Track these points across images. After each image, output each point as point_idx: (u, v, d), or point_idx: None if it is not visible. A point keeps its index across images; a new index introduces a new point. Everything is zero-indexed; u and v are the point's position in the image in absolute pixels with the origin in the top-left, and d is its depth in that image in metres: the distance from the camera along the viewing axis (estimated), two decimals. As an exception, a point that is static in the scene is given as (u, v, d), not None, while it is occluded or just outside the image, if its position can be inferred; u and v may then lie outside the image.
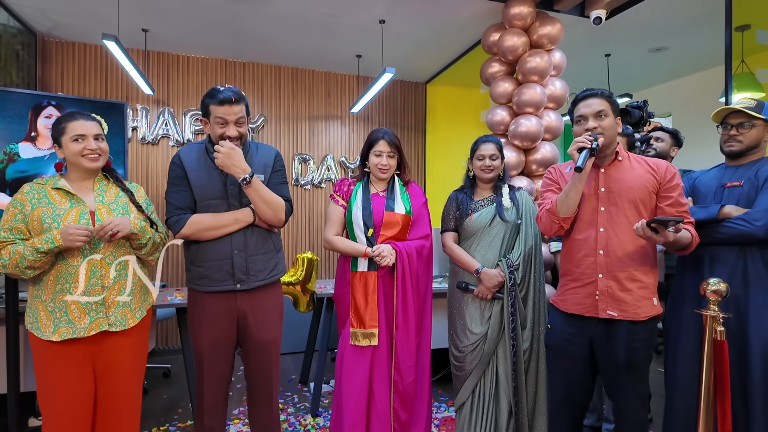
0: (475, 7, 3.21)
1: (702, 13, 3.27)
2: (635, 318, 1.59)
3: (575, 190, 1.62)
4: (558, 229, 1.70)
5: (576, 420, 1.77)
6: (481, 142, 2.16)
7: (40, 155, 2.12)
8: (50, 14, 3.38)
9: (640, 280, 1.60)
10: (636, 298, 1.59)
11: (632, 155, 1.71)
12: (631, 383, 1.62)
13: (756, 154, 1.75)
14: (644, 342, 1.61)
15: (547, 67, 2.97)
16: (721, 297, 1.41)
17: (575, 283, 1.69)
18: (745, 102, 1.75)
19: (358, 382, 1.95)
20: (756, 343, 1.62)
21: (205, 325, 1.78)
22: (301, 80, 4.56)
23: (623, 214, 1.61)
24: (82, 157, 1.61)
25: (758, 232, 1.59)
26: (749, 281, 1.64)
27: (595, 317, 1.63)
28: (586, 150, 1.54)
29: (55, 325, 1.56)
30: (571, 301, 1.70)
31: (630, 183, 1.63)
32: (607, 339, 1.62)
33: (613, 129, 1.65)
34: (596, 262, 1.63)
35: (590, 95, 1.66)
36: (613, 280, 1.61)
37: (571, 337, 1.70)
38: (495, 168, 2.13)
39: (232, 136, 1.73)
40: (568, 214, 1.65)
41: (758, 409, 1.60)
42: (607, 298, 1.61)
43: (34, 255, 1.51)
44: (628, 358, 1.59)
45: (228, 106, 1.71)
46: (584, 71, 4.45)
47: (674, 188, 1.60)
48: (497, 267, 2.08)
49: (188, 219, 1.74)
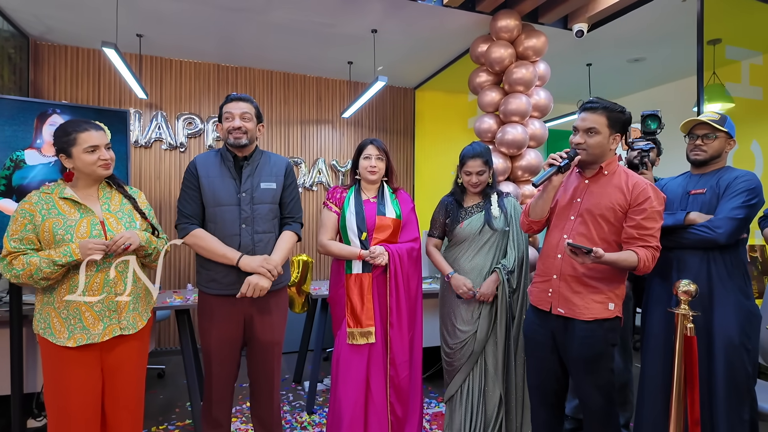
0: (464, 19, 3.34)
1: (676, 28, 3.46)
2: (582, 317, 1.70)
3: (543, 200, 1.79)
4: (527, 228, 1.91)
5: (552, 405, 1.87)
6: (468, 158, 2.22)
7: (46, 162, 2.17)
8: (45, 19, 3.40)
9: (591, 285, 1.70)
10: (585, 301, 1.70)
11: (618, 172, 1.73)
12: (589, 375, 1.72)
13: (718, 163, 1.90)
14: (598, 339, 1.69)
15: (532, 78, 3.12)
16: (691, 297, 1.55)
17: (538, 278, 1.85)
18: (710, 115, 1.89)
19: (356, 378, 2.05)
20: (719, 339, 1.77)
21: (214, 326, 1.87)
22: (292, 85, 4.64)
23: (587, 227, 1.72)
24: (96, 167, 1.65)
25: (719, 239, 1.73)
26: (713, 283, 1.79)
27: (554, 312, 1.78)
28: (554, 167, 1.68)
29: (70, 332, 1.60)
30: (533, 293, 1.88)
31: (599, 199, 1.70)
32: (564, 332, 1.76)
33: (601, 146, 1.68)
34: (554, 264, 1.78)
35: (590, 109, 1.68)
36: (563, 281, 1.74)
37: (537, 327, 1.85)
38: (482, 182, 2.24)
39: (236, 126, 1.88)
40: (536, 218, 1.84)
41: (721, 396, 1.76)
42: (558, 297, 1.75)
43: (51, 267, 1.54)
44: (583, 352, 1.71)
45: (235, 102, 1.91)
46: (567, 79, 4.62)
47: (641, 211, 1.63)
48: (494, 272, 2.20)
49: (192, 231, 1.88)
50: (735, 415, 1.75)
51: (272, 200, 1.97)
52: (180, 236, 1.89)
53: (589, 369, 1.73)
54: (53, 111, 2.19)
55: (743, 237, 1.83)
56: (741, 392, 1.76)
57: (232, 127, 1.88)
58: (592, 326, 1.71)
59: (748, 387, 1.78)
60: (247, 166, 1.94)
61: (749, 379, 1.78)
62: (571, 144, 1.75)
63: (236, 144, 1.90)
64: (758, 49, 3.37)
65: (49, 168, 2.17)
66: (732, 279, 1.79)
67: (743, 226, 1.77)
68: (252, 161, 1.96)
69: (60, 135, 1.65)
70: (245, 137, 1.90)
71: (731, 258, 1.80)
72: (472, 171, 2.22)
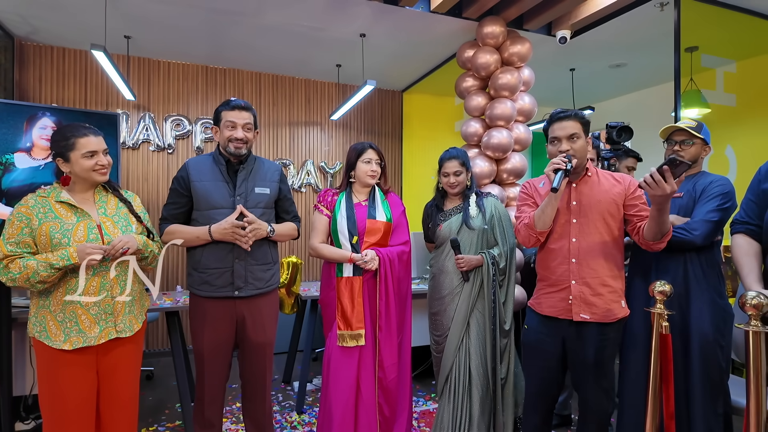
0: (451, 25, 3.41)
1: (655, 35, 3.57)
2: (605, 320, 1.74)
3: (551, 207, 1.75)
4: (535, 242, 1.84)
5: (548, 409, 1.96)
6: (445, 160, 2.29)
7: (36, 165, 2.17)
8: (31, 20, 3.37)
9: (609, 285, 1.76)
10: (606, 302, 1.74)
11: (600, 171, 1.86)
12: (598, 378, 1.77)
13: (695, 168, 1.98)
14: (611, 341, 1.77)
15: (517, 84, 3.19)
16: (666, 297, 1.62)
17: (551, 288, 1.84)
18: (688, 122, 1.98)
19: (346, 379, 2.08)
20: (695, 336, 1.85)
21: (206, 328, 1.90)
22: (281, 87, 4.66)
23: (593, 225, 1.78)
24: (93, 172, 1.67)
25: (696, 240, 1.82)
26: (689, 283, 1.87)
27: (568, 319, 1.79)
28: (561, 171, 1.66)
29: (66, 335, 1.61)
30: (546, 304, 1.85)
31: (598, 197, 1.78)
32: (578, 338, 1.78)
33: (584, 150, 1.78)
34: (569, 269, 1.78)
35: (564, 117, 1.77)
36: (585, 285, 1.76)
37: (545, 336, 1.86)
38: (459, 183, 2.29)
39: (238, 137, 1.89)
40: (545, 228, 1.79)
41: (697, 391, 1.83)
42: (580, 302, 1.76)
43: (48, 271, 1.55)
44: (596, 356, 1.76)
45: (238, 111, 1.92)
46: (551, 84, 4.73)
47: (638, 197, 1.77)
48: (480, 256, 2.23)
49: (165, 228, 1.95)
50: (710, 408, 1.83)
51: (265, 205, 2.01)
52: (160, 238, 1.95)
53: (600, 372, 1.77)
54: (43, 114, 2.19)
55: (718, 239, 1.92)
56: (715, 387, 1.84)
57: (235, 138, 1.90)
58: (607, 329, 1.75)
59: (722, 382, 1.86)
60: (242, 170, 1.97)
61: (723, 374, 1.86)
62: (552, 155, 1.79)
63: (237, 154, 1.93)
64: (732, 58, 3.50)
65: (39, 171, 2.17)
66: (707, 279, 1.87)
67: (718, 228, 1.86)
68: (247, 166, 1.99)
69: (58, 139, 1.65)
70: (245, 147, 1.94)
71: (707, 259, 1.89)
72: (449, 172, 2.28)
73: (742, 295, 1.23)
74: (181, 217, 1.96)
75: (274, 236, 2.00)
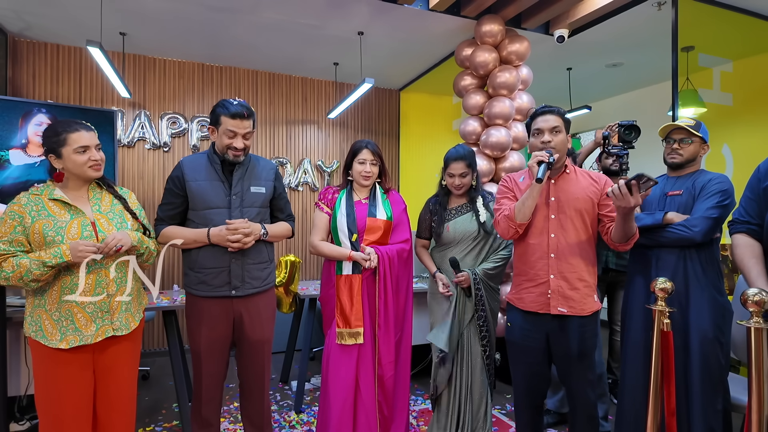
0: (449, 24, 3.41)
1: (652, 35, 3.58)
2: (582, 313, 1.80)
3: (531, 199, 1.78)
4: (514, 234, 1.87)
5: (538, 405, 1.98)
6: (451, 160, 2.27)
7: (31, 162, 2.15)
8: (24, 15, 3.33)
9: (585, 279, 1.82)
10: (582, 295, 1.80)
11: (577, 169, 1.90)
12: (582, 370, 1.83)
13: (693, 166, 2.00)
14: (591, 333, 1.83)
15: (515, 82, 3.19)
16: (668, 294, 1.63)
17: (529, 282, 1.87)
18: (686, 120, 2.00)
19: (345, 378, 2.07)
20: (695, 333, 1.85)
21: (203, 327, 1.88)
22: (278, 85, 4.64)
23: (570, 222, 1.82)
24: (87, 168, 1.65)
25: (696, 237, 1.83)
26: (689, 280, 1.88)
27: (549, 313, 1.83)
28: (545, 164, 1.72)
29: (62, 333, 1.59)
30: (527, 299, 1.88)
31: (576, 194, 1.83)
32: (561, 332, 1.83)
33: (564, 145, 1.83)
34: (548, 264, 1.82)
35: (548, 111, 1.83)
36: (563, 280, 1.81)
37: (529, 332, 1.89)
38: (464, 184, 2.29)
39: (238, 147, 1.86)
40: (524, 220, 1.82)
41: (697, 388, 1.84)
42: (558, 296, 1.81)
43: (41, 269, 1.53)
44: (579, 348, 1.81)
45: (240, 120, 1.85)
46: (548, 83, 4.73)
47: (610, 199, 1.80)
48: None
49: (161, 230, 1.91)
50: (709, 405, 1.84)
51: (261, 204, 1.99)
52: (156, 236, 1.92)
53: (583, 364, 1.82)
54: (38, 110, 2.16)
55: (717, 236, 1.93)
56: (715, 384, 1.84)
57: (234, 147, 1.87)
58: (585, 321, 1.81)
59: (721, 379, 1.87)
60: (237, 169, 1.95)
61: (722, 372, 1.87)
62: (534, 148, 1.84)
63: (235, 161, 1.91)
64: (728, 57, 3.52)
65: (34, 168, 2.15)
66: (706, 276, 1.88)
67: (717, 225, 1.87)
68: (242, 165, 1.97)
69: (50, 135, 1.63)
70: (243, 154, 1.91)
71: (706, 256, 1.89)
72: (455, 173, 2.27)
73: (744, 291, 1.23)
74: (177, 217, 1.93)
75: (268, 237, 1.98)
